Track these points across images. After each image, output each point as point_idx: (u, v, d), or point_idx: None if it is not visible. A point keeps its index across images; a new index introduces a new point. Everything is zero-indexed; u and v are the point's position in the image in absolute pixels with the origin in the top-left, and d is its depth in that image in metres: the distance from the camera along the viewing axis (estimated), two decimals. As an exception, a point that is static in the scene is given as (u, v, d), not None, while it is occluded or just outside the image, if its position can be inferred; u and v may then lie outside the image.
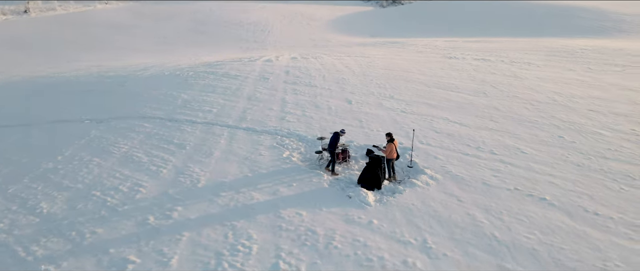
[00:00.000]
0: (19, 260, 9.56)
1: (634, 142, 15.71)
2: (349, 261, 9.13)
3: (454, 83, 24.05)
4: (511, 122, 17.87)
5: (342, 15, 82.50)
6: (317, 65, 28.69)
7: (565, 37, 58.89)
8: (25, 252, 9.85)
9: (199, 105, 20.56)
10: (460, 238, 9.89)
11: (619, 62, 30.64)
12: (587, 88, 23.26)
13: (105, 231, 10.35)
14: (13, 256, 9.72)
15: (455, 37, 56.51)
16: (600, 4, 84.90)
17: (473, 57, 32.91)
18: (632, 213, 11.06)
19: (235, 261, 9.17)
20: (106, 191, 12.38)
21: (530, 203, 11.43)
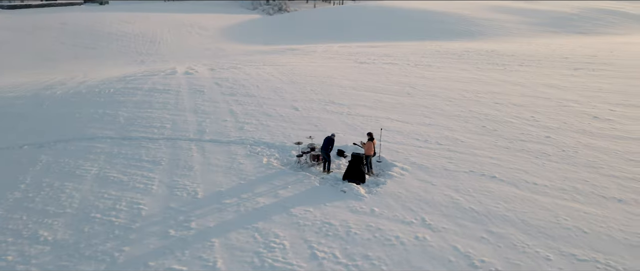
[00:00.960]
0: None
1: (537, 127, 19.54)
2: (372, 243, 10.77)
3: (379, 86, 26.77)
4: (440, 117, 20.88)
5: (230, 24, 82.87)
6: (243, 76, 29.62)
7: (442, 40, 66.35)
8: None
9: (146, 121, 20.47)
10: (449, 214, 12.09)
11: (497, 61, 36.21)
12: (484, 85, 27.52)
13: (133, 248, 10.69)
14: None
15: (347, 43, 60.54)
16: (459, 10, 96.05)
17: (382, 61, 36.31)
18: (557, 180, 14.27)
19: (276, 257, 10.28)
20: (106, 212, 12.44)
21: (486, 181, 14.11)
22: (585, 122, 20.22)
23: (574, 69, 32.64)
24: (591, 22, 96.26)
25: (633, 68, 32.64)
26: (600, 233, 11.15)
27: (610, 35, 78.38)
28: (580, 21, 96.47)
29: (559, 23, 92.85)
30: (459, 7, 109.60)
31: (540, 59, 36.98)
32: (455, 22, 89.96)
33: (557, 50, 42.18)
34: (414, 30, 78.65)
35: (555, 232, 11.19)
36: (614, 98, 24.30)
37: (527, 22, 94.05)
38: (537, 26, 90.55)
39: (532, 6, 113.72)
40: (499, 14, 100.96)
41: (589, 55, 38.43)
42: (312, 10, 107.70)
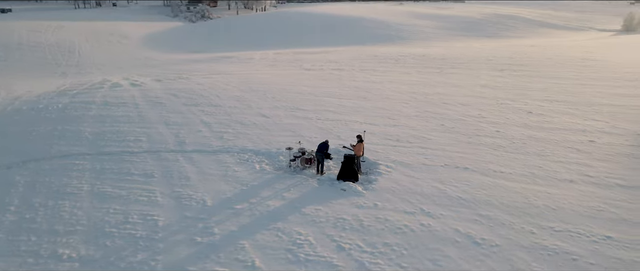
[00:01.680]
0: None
1: (486, 123, 22.13)
2: (386, 232, 12.15)
3: (335, 92, 28.34)
4: (402, 118, 22.84)
5: (153, 32, 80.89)
6: (197, 86, 29.84)
7: (370, 44, 69.73)
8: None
9: (117, 136, 20.30)
10: (441, 203, 13.81)
11: (432, 64, 39.39)
12: (429, 87, 30.14)
13: (167, 257, 11.15)
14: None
15: (280, 49, 61.81)
16: (378, 16, 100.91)
17: (329, 67, 37.99)
18: (517, 168, 16.60)
19: (307, 252, 11.30)
20: (120, 225, 12.66)
21: (462, 172, 16.09)
22: (523, 117, 23.17)
23: (499, 70, 36.48)
24: (495, 26, 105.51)
25: (546, 68, 37.20)
26: (565, 209, 13.42)
27: (515, 38, 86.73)
28: (486, 25, 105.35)
29: (469, 27, 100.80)
30: (377, 13, 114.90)
31: (468, 61, 40.73)
32: (377, 27, 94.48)
33: (480, 53, 46.52)
34: (341, 36, 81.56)
35: (531, 211, 13.29)
36: (538, 96, 27.83)
37: (441, 26, 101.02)
38: (450, 30, 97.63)
39: (443, 12, 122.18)
40: (416, 20, 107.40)
41: (507, 57, 42.94)
42: (235, 18, 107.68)
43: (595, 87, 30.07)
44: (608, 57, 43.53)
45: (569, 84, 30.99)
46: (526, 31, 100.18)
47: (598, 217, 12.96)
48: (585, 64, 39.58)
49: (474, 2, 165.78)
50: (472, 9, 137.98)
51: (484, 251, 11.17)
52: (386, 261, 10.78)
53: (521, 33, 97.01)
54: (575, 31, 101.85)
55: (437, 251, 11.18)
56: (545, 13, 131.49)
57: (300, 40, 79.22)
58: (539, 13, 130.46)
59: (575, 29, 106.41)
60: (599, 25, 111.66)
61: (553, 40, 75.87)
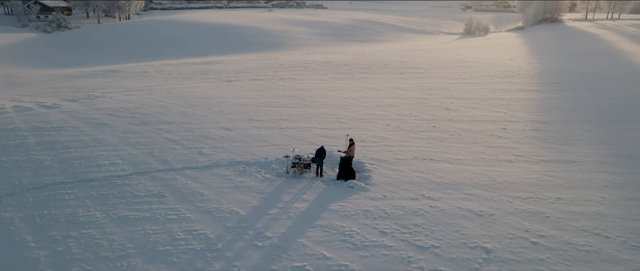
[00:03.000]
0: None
1: (421, 120, 26.11)
2: (409, 215, 14.83)
3: (274, 101, 30.17)
4: (351, 122, 25.74)
5: (2, 45, 72.84)
6: (128, 104, 29.35)
7: (259, 52, 71.70)
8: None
9: (87, 161, 19.79)
10: (433, 188, 16.94)
11: (341, 70, 43.15)
12: (352, 92, 33.58)
13: (244, 262, 12.35)
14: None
15: (167, 60, 60.78)
16: (254, 23, 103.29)
17: (246, 78, 39.37)
18: (467, 155, 20.59)
19: (360, 239, 13.40)
20: (174, 243, 13.33)
21: (431, 163, 19.51)
22: (445, 113, 27.74)
23: (400, 73, 41.59)
24: (364, 31, 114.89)
25: (434, 69, 43.42)
26: (519, 182, 17.52)
27: (385, 42, 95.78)
28: (356, 31, 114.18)
29: (341, 33, 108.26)
30: (252, 21, 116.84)
31: (369, 66, 45.38)
32: (259, 35, 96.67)
33: (373, 58, 51.74)
34: (226, 44, 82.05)
35: (499, 186, 17.12)
36: (444, 94, 33.04)
37: (316, 32, 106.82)
38: (325, 36, 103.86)
39: (313, 18, 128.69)
40: (291, 26, 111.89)
41: (399, 62, 48.69)
42: (99, 27, 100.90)
43: (481, 85, 36.47)
44: (475, 58, 51.94)
45: (461, 83, 37.02)
46: (391, 35, 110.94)
47: (543, 185, 17.26)
48: (462, 64, 46.94)
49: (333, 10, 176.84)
50: (337, 15, 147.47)
51: (487, 220, 14.49)
52: (423, 238, 13.45)
53: (388, 37, 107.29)
54: (430, 35, 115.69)
55: (455, 225, 14.19)
56: (401, 19, 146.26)
57: (183, 49, 77.84)
58: (396, 19, 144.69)
59: (429, 33, 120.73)
60: (445, 29, 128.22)
61: (418, 43, 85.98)
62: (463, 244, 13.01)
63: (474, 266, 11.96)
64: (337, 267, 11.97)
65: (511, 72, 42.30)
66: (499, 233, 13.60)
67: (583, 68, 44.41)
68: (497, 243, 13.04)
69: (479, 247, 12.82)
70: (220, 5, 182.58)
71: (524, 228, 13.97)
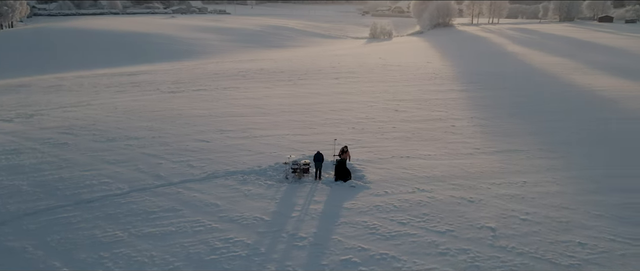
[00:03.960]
0: None
1: (379, 122, 28.54)
2: (415, 207, 16.82)
3: (236, 111, 30.77)
4: (319, 127, 27.35)
5: None
6: (75, 121, 28.29)
7: (181, 60, 70.21)
8: None
9: (75, 182, 19.15)
10: (423, 182, 19.17)
11: (280, 78, 44.47)
12: (302, 98, 35.17)
13: (294, 261, 13.38)
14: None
15: (79, 71, 57.83)
16: (161, 30, 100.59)
17: (189, 89, 39.14)
18: (436, 150, 23.20)
19: (387, 231, 15.04)
20: (217, 252, 13.89)
21: (408, 160, 21.81)
22: (396, 114, 30.48)
23: (335, 78, 44.02)
24: (275, 37, 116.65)
25: (367, 74, 46.53)
26: (487, 171, 20.45)
27: (298, 47, 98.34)
28: (267, 36, 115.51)
29: (253, 39, 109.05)
30: (156, 28, 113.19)
31: (306, 72, 47.23)
32: (169, 43, 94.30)
33: (303, 64, 53.64)
34: (138, 53, 79.25)
35: (474, 176, 19.89)
36: (387, 96, 35.98)
37: (227, 39, 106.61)
38: (238, 42, 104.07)
39: (219, 24, 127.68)
40: (199, 33, 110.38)
41: (330, 67, 51.20)
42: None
43: (415, 87, 40.12)
44: (397, 62, 56.21)
45: (397, 86, 40.35)
46: (302, 40, 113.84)
47: (507, 172, 20.37)
48: (389, 68, 50.71)
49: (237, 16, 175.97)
50: (242, 21, 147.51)
51: (479, 205, 17.03)
52: (437, 224, 15.55)
53: (300, 42, 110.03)
54: (339, 39, 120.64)
55: (456, 211, 16.52)
56: (307, 24, 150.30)
57: (88, 59, 73.66)
58: (303, 24, 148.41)
59: (337, 37, 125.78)
60: (351, 33, 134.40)
61: (333, 47, 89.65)
62: (471, 226, 15.33)
63: (488, 243, 14.28)
64: (379, 256, 13.57)
65: (434, 74, 46.74)
66: (494, 215, 16.16)
67: (490, 69, 50.42)
68: (497, 223, 15.55)
69: (484, 227, 15.22)
70: (115, 11, 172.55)
71: (510, 208, 16.69)
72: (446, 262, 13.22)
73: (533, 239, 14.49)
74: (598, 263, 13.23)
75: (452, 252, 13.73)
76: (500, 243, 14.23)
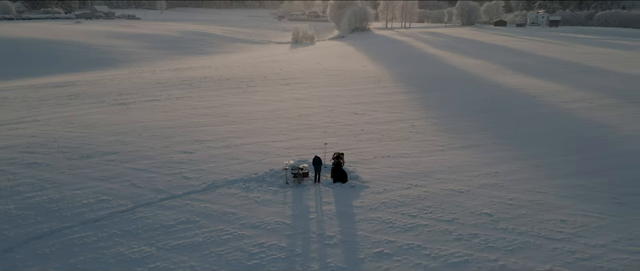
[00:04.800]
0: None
1: (346, 125, 30.18)
2: (418, 200, 18.59)
3: (203, 121, 30.74)
4: (292, 132, 28.34)
5: None
6: (31, 139, 26.77)
7: (91, 70, 66.83)
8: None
9: (71, 202, 18.47)
10: (413, 177, 21.05)
11: (230, 85, 44.59)
12: (263, 105, 35.89)
13: (334, 258, 14.58)
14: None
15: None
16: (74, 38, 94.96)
17: (141, 100, 38.06)
18: (408, 149, 25.24)
19: (403, 223, 16.59)
20: (256, 256, 14.44)
21: (389, 159, 23.63)
22: (357, 117, 32.33)
23: (285, 85, 45.09)
24: (198, 43, 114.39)
25: (310, 79, 48.08)
26: (462, 165, 22.89)
27: (226, 54, 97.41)
28: (189, 43, 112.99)
29: (175, 45, 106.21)
30: (64, 35, 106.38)
31: (252, 79, 47.67)
32: (84, 51, 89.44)
33: (246, 71, 53.88)
34: (49, 61, 74.69)
35: (452, 170, 22.16)
36: (342, 101, 37.80)
37: (148, 46, 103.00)
38: (160, 50, 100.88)
39: (135, 31, 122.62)
40: (116, 40, 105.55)
41: (274, 73, 52.05)
42: None
43: (363, 90, 42.38)
44: (334, 66, 58.39)
45: (345, 90, 42.36)
46: (227, 46, 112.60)
47: (477, 164, 22.95)
48: (330, 73, 52.68)
49: (148, 21, 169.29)
50: (157, 27, 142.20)
51: (468, 195, 19.25)
52: (442, 214, 17.44)
53: (225, 48, 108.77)
54: (263, 44, 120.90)
55: (452, 202, 18.54)
56: (226, 29, 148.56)
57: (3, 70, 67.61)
58: (222, 29, 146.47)
59: (260, 42, 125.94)
60: (273, 38, 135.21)
61: (262, 53, 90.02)
62: (471, 213, 17.42)
63: (490, 226, 16.42)
64: (406, 246, 15.09)
65: (374, 77, 49.50)
66: (485, 202, 18.42)
67: (422, 71, 54.40)
68: (490, 208, 17.81)
69: (482, 214, 17.38)
70: (9, 16, 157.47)
71: (495, 195, 19.09)
72: (465, 246, 15.07)
73: (525, 220, 16.87)
74: (582, 235, 15.84)
75: (466, 237, 15.62)
76: (500, 226, 16.41)
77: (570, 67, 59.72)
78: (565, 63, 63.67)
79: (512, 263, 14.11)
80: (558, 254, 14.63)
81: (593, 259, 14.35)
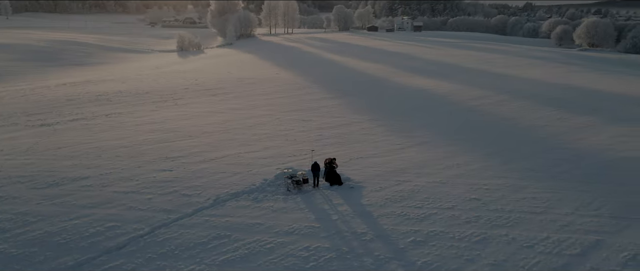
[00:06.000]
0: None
1: (304, 132, 31.68)
2: (416, 194, 20.96)
3: (156, 138, 29.70)
4: (254, 143, 28.96)
5: None
6: None
7: None
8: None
9: (72, 235, 17.24)
10: (395, 174, 23.41)
11: (152, 99, 42.95)
12: (202, 117, 35.60)
13: (386, 253, 16.29)
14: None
15: None
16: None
17: (65, 119, 35.09)
18: (374, 149, 27.81)
19: (416, 214, 18.94)
20: (311, 258, 15.71)
21: (365, 159, 25.80)
22: (306, 124, 33.92)
23: (213, 96, 44.80)
24: (71, 53, 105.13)
25: (236, 89, 48.28)
26: (426, 160, 25.94)
27: (108, 64, 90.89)
28: (59, 52, 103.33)
29: (44, 56, 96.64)
30: None
31: (174, 92, 46.24)
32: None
33: (160, 83, 51.77)
34: None
35: (422, 165, 25.06)
36: (281, 109, 38.99)
37: (13, 58, 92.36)
38: (28, 61, 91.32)
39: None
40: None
41: (193, 84, 50.94)
42: None
43: (293, 98, 43.98)
44: (248, 75, 58.82)
45: (273, 99, 43.52)
46: (105, 56, 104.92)
47: (437, 159, 26.23)
48: (248, 82, 53.20)
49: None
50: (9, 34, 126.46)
51: (450, 185, 22.15)
52: (442, 203, 19.95)
53: (104, 58, 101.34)
54: (147, 54, 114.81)
55: (442, 192, 21.24)
56: (98, 37, 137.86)
57: None
58: (93, 37, 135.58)
59: (142, 51, 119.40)
60: (156, 46, 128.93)
61: (155, 63, 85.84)
62: (463, 200, 20.35)
63: (485, 208, 19.46)
64: (432, 233, 17.26)
65: (294, 84, 51.36)
66: (467, 190, 21.53)
67: (335, 77, 57.65)
68: (474, 194, 20.95)
69: (471, 199, 20.41)
70: None
71: (471, 183, 22.34)
72: (476, 226, 17.81)
73: (506, 200, 20.26)
74: (553, 207, 19.63)
75: (472, 220, 18.41)
76: (491, 207, 19.56)
77: (454, 68, 68.09)
78: (448, 65, 72.25)
79: (518, 235, 17.15)
80: (545, 224, 18.09)
81: (571, 224, 18.04)
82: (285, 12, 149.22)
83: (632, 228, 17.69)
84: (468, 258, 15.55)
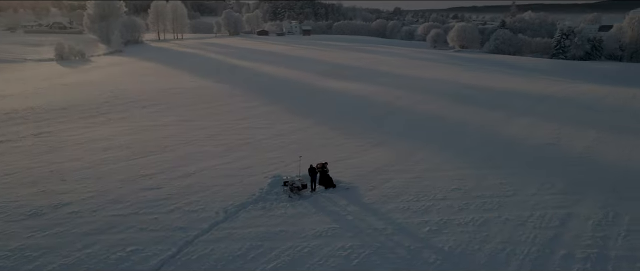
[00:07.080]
0: None
1: (281, 138, 32.30)
2: (407, 187, 22.99)
3: (114, 156, 27.98)
4: (237, 152, 28.95)
5: None
6: None
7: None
8: None
9: (97, 260, 16.76)
10: (381, 172, 25.22)
11: (78, 114, 39.79)
12: (152, 132, 34.24)
13: (402, 241, 18.07)
14: None
15: None
16: None
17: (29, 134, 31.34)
18: (348, 152, 29.59)
19: (417, 205, 21.02)
20: (352, 255, 16.88)
21: (349, 161, 27.38)
22: (264, 131, 34.55)
23: (143, 107, 42.78)
24: None
25: (169, 100, 46.47)
26: (396, 157, 28.45)
27: None
28: None
29: None
30: None
31: (97, 106, 43.02)
32: None
33: (72, 98, 47.56)
34: None
35: (392, 163, 27.34)
36: (227, 118, 38.82)
37: None
38: None
39: None
40: None
41: (113, 98, 47.79)
42: None
43: (229, 106, 43.77)
44: (167, 86, 56.56)
45: (215, 109, 42.94)
46: None
47: (399, 156, 28.80)
48: (173, 93, 51.42)
49: None
50: None
51: (428, 179, 24.66)
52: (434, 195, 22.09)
53: None
54: (20, 63, 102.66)
55: (427, 185, 23.51)
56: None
57: None
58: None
59: (14, 61, 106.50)
60: (32, 55, 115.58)
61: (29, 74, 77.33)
62: (449, 190, 22.93)
63: (471, 195, 22.17)
64: (442, 221, 19.36)
65: (223, 92, 50.91)
66: (445, 182, 24.18)
67: (256, 84, 58.09)
68: (454, 185, 23.68)
69: (454, 190, 23.09)
70: None
71: (443, 176, 25.12)
72: (474, 212, 20.39)
73: (482, 186, 23.32)
74: (519, 190, 23.08)
75: (465, 207, 21.02)
76: (474, 194, 22.43)
77: (366, 71, 72.54)
78: (357, 68, 76.61)
79: (508, 215, 20.10)
80: (523, 203, 21.37)
81: (542, 202, 21.54)
82: (174, 17, 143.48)
83: (584, 200, 21.64)
84: (482, 239, 17.92)
